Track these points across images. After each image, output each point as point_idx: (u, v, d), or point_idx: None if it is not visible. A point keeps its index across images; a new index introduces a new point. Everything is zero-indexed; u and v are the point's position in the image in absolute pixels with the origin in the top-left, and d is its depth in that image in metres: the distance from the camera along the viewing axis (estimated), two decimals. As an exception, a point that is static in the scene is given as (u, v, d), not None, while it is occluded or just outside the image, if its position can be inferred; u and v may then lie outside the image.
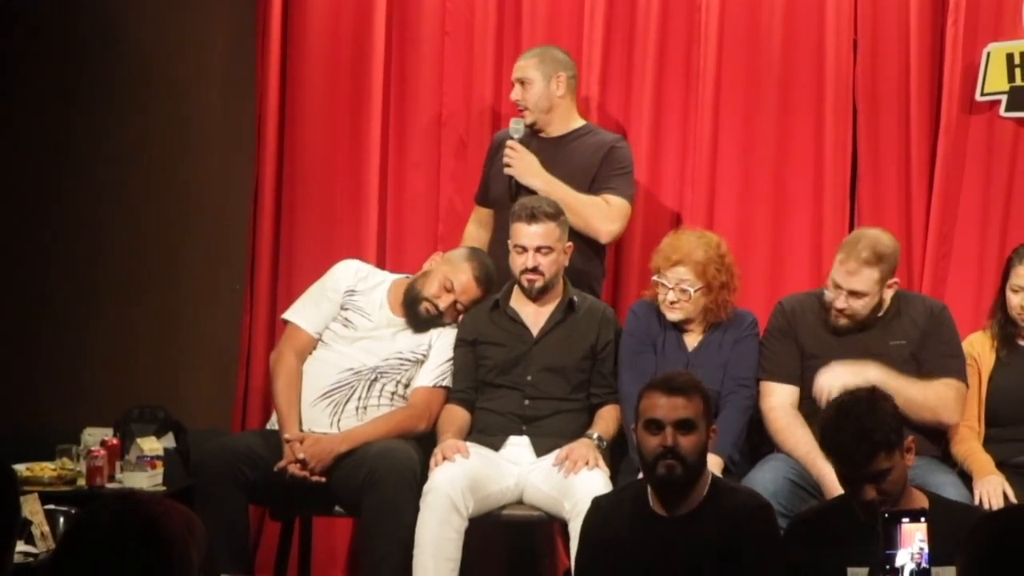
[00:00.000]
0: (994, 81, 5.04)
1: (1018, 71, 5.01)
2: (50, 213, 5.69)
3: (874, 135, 5.17)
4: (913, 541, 3.12)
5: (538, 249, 4.61)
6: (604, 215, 4.87)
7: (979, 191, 5.11)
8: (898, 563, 3.10)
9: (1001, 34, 5.06)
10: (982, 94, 5.06)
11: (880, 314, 4.51)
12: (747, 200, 5.25)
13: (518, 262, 4.64)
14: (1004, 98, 5.05)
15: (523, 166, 4.86)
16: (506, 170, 4.87)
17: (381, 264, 5.21)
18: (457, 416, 4.66)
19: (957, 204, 5.11)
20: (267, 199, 5.40)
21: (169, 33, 5.66)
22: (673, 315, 4.57)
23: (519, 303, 4.72)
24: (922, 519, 3.13)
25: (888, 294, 4.50)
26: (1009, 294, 4.53)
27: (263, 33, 5.42)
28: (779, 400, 4.50)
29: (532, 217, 4.59)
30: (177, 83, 5.65)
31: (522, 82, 4.93)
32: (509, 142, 4.89)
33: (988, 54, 5.04)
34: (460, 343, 4.73)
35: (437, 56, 5.38)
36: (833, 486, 4.14)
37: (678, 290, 4.53)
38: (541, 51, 4.99)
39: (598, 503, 3.87)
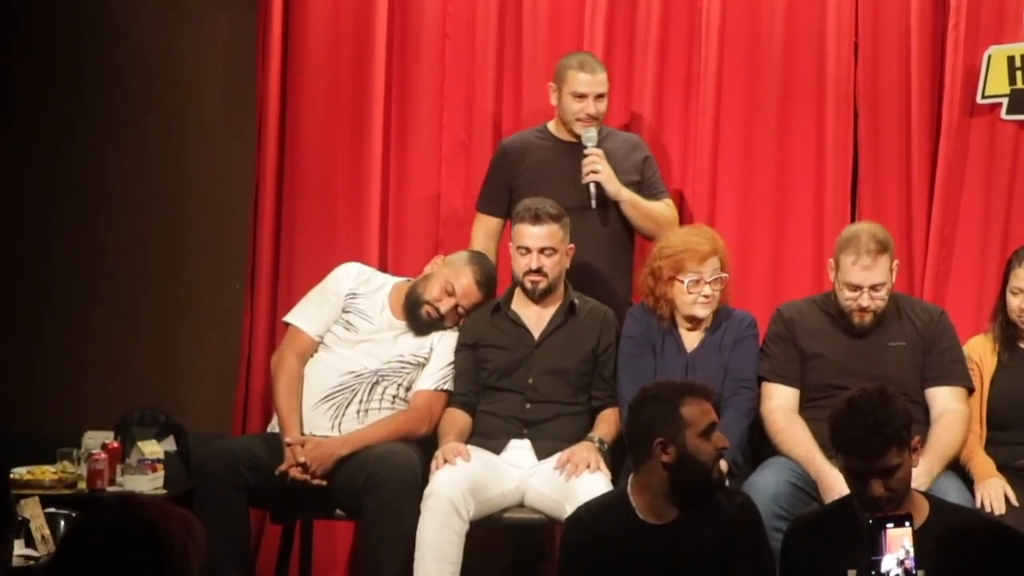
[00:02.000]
0: (995, 84, 5.04)
1: (1019, 74, 5.02)
2: (50, 216, 5.69)
3: (875, 138, 5.18)
4: (899, 546, 3.11)
5: (542, 250, 4.62)
6: (672, 219, 4.96)
7: (980, 194, 5.11)
8: (884, 568, 3.09)
9: (1002, 37, 5.07)
10: (983, 97, 5.07)
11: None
12: (748, 203, 5.25)
13: (521, 263, 4.65)
14: (1005, 101, 5.06)
15: (609, 174, 4.86)
16: (593, 176, 4.82)
17: (382, 267, 5.21)
18: (458, 420, 4.65)
19: (958, 207, 5.11)
20: (268, 202, 5.40)
21: (170, 36, 5.67)
22: (704, 310, 4.57)
23: (520, 306, 4.72)
24: (907, 524, 3.13)
25: (893, 277, 4.52)
26: (1009, 296, 4.54)
27: (264, 34, 5.41)
28: (779, 402, 4.51)
29: (536, 219, 4.61)
30: (178, 86, 5.66)
31: (602, 96, 4.90)
32: (592, 150, 4.84)
33: (989, 57, 5.04)
34: (461, 347, 4.73)
35: (438, 59, 5.38)
36: (831, 485, 4.15)
37: (715, 282, 4.55)
38: (600, 62, 4.97)
39: (578, 517, 3.82)
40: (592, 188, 4.83)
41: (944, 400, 4.47)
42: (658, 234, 4.87)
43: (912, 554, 3.09)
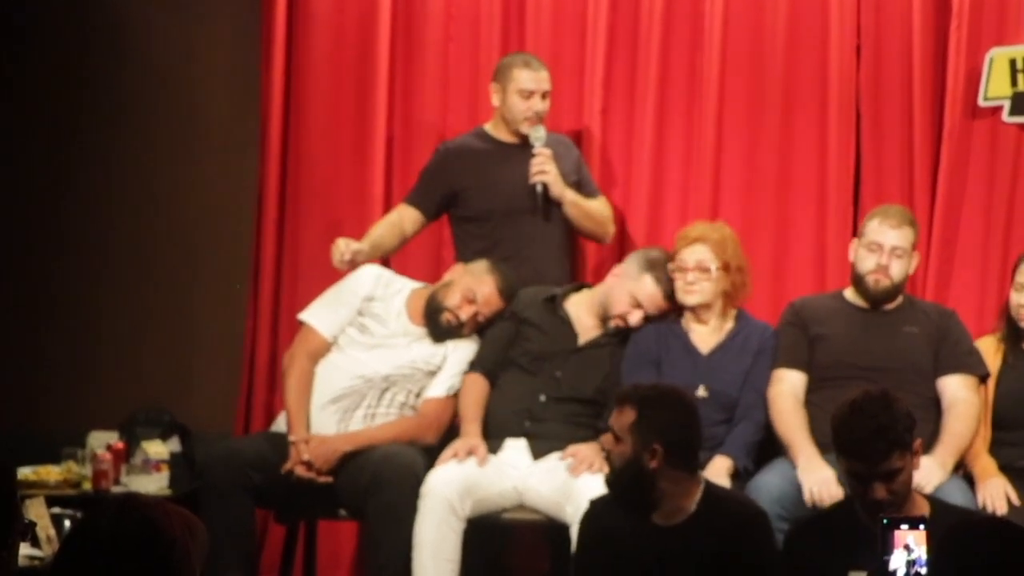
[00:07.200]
0: (997, 86, 5.04)
1: (1021, 76, 5.01)
2: (55, 216, 5.70)
3: (877, 140, 5.17)
4: (911, 548, 3.12)
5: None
6: (609, 216, 5.00)
7: (982, 196, 5.11)
8: (892, 567, 3.10)
9: (1004, 39, 5.06)
10: (985, 99, 5.06)
11: (895, 304, 4.58)
12: (751, 205, 5.25)
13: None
14: (1007, 103, 5.05)
15: (556, 175, 4.86)
16: (541, 176, 4.82)
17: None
18: (477, 385, 4.62)
19: (960, 209, 5.11)
20: (271, 203, 5.40)
21: (175, 39, 5.68)
22: (691, 298, 4.56)
23: (573, 307, 4.72)
24: (921, 527, 3.13)
25: (911, 266, 4.56)
26: (1012, 293, 4.54)
27: (268, 36, 5.41)
28: (787, 386, 4.51)
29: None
30: (182, 88, 5.67)
31: (547, 94, 4.90)
32: (541, 149, 4.84)
33: (991, 59, 5.03)
34: (508, 316, 4.70)
35: (442, 61, 5.38)
36: (812, 478, 4.19)
37: (697, 269, 4.54)
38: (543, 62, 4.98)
39: (595, 504, 3.87)
40: (539, 188, 4.83)
41: (954, 389, 4.47)
42: (598, 233, 4.91)
43: (923, 556, 3.10)
